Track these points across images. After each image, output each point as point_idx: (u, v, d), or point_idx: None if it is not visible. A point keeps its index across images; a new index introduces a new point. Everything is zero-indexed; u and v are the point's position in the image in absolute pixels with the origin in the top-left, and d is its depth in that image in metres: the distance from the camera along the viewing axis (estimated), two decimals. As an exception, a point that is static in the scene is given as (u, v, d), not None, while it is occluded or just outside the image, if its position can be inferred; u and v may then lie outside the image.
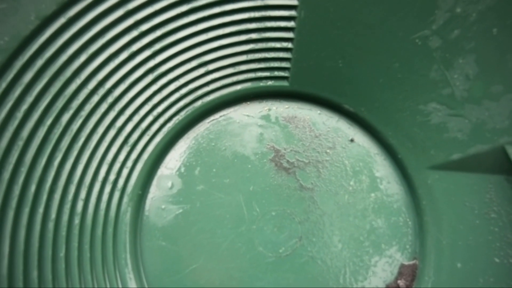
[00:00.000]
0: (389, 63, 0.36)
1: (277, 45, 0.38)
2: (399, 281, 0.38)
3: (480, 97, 0.33)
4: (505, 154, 0.33)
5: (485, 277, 0.35)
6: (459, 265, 0.36)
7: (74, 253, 0.34)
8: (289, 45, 0.37)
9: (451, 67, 0.34)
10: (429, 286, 0.37)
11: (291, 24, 0.36)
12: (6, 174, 0.31)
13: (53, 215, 0.33)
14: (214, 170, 0.40)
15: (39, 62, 0.31)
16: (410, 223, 0.40)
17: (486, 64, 0.32)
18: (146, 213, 0.39)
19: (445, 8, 0.32)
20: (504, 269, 0.34)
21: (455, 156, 0.36)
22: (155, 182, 0.40)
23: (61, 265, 0.33)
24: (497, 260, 0.34)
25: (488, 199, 0.35)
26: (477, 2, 0.31)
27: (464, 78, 0.34)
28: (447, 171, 0.37)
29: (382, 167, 0.41)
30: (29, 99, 0.31)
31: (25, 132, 0.31)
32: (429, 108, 0.36)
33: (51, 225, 0.33)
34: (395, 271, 0.39)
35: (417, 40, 0.34)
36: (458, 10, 0.31)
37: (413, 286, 0.38)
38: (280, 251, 0.39)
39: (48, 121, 0.32)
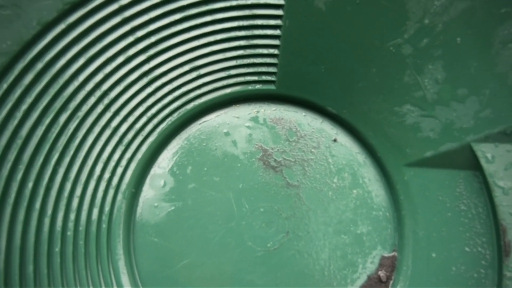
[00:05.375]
0: (367, 68, 0.39)
1: (264, 51, 0.40)
2: (380, 272, 0.41)
3: (448, 99, 0.37)
4: (472, 151, 0.36)
5: (457, 265, 0.37)
6: (434, 255, 0.39)
7: (69, 248, 0.35)
8: (275, 51, 0.40)
9: (422, 72, 0.37)
10: (408, 275, 0.40)
11: (277, 32, 0.39)
12: (5, 171, 0.32)
13: (49, 211, 0.34)
14: (205, 169, 0.42)
15: (39, 65, 0.32)
16: (389, 217, 0.42)
17: (452, 69, 0.36)
18: (139, 210, 0.41)
19: (415, 19, 0.35)
20: (473, 258, 0.37)
21: (428, 153, 0.39)
22: (148, 180, 0.41)
23: (56, 260, 0.34)
24: (467, 249, 0.37)
25: (458, 193, 0.38)
26: (442, 14, 0.34)
27: (434, 82, 0.37)
28: (422, 168, 0.40)
29: (363, 165, 0.44)
30: (29, 99, 0.33)
31: (24, 131, 0.33)
32: (404, 109, 0.39)
33: (47, 221, 0.34)
34: (376, 262, 0.41)
35: (391, 48, 0.37)
36: (426, 21, 0.35)
37: (393, 277, 0.41)
38: (268, 245, 0.41)
39: (46, 121, 0.34)
